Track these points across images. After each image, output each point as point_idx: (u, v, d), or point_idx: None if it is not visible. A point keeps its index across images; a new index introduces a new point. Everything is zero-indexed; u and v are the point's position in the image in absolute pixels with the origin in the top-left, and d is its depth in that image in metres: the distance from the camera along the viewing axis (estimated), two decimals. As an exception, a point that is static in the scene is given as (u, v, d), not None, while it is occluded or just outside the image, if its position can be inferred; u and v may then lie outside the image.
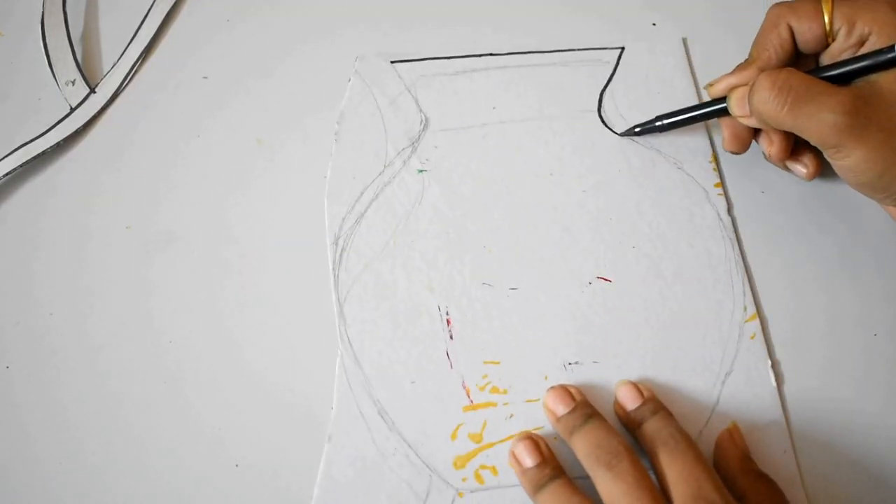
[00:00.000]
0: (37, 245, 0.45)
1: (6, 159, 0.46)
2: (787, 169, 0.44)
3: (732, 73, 0.42)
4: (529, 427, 0.40)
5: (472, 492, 0.38)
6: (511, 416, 0.40)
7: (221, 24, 0.51)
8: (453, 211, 0.44)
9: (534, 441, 0.38)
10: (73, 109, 0.48)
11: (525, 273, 0.43)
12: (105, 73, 0.49)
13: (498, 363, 0.41)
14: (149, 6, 0.51)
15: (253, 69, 0.49)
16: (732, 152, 0.44)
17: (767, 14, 0.42)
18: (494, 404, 0.40)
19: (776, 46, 0.41)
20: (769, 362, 0.41)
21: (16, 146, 0.46)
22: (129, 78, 0.49)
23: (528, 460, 0.38)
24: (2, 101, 0.49)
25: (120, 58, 0.49)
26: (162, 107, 0.48)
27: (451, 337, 0.41)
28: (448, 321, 0.42)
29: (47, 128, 0.47)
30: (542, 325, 0.42)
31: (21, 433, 0.40)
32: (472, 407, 0.40)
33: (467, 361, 0.41)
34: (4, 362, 0.42)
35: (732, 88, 0.42)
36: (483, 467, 0.39)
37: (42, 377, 0.41)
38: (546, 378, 0.40)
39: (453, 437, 0.39)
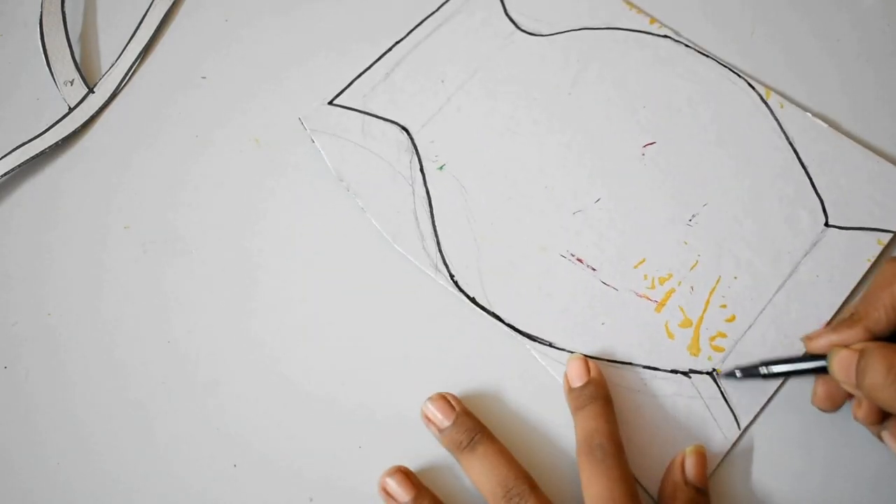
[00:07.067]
0: (35, 245, 0.44)
1: (4, 159, 0.46)
2: (878, 436, 0.38)
3: (834, 329, 0.37)
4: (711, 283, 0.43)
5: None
6: (691, 288, 0.42)
7: (220, 23, 0.51)
8: (498, 176, 0.45)
9: (445, 399, 0.39)
10: (71, 109, 0.48)
11: (600, 187, 0.45)
12: (104, 72, 0.49)
13: (644, 260, 0.43)
14: (147, 6, 0.51)
15: (252, 69, 0.49)
16: (823, 410, 0.39)
17: (882, 270, 0.37)
18: (673, 290, 0.42)
19: (888, 307, 0.36)
20: None
21: (14, 146, 0.46)
22: (127, 78, 0.49)
23: (444, 420, 0.39)
24: (0, 101, 0.49)
25: (118, 58, 0.49)
26: (160, 107, 0.48)
27: (594, 269, 0.43)
28: (580, 260, 0.43)
29: (46, 128, 0.47)
30: (646, 211, 0.45)
31: (20, 433, 0.40)
32: (661, 304, 0.42)
33: (623, 276, 0.43)
34: (3, 363, 0.42)
35: (834, 347, 0.37)
36: (712, 339, 0.42)
37: (40, 377, 0.41)
38: (686, 243, 0.43)
39: (671, 337, 0.42)
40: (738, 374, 0.40)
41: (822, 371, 0.37)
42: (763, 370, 0.39)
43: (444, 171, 0.45)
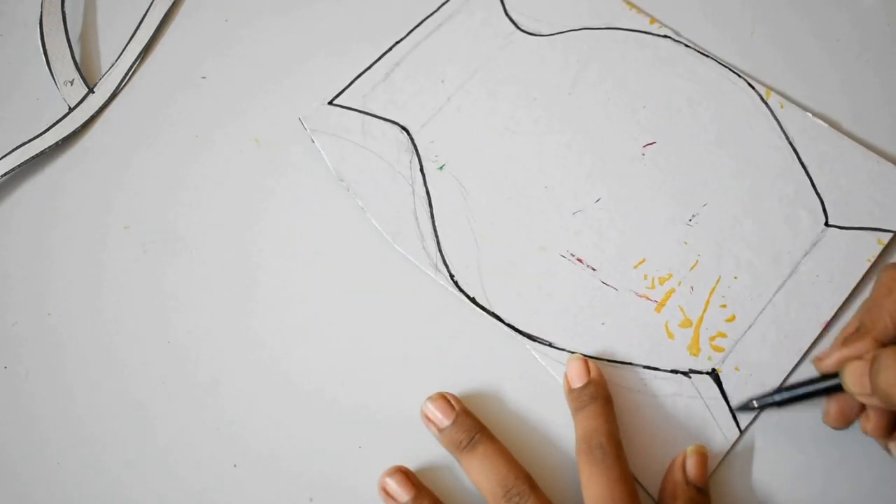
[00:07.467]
0: (35, 245, 0.44)
1: (4, 159, 0.46)
2: (886, 449, 0.38)
3: (844, 344, 0.37)
4: (710, 282, 0.43)
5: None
6: (691, 288, 0.42)
7: (220, 23, 0.51)
8: (498, 176, 0.46)
9: (445, 399, 0.39)
10: (71, 109, 0.48)
11: (600, 187, 0.45)
12: (104, 72, 0.49)
13: (644, 260, 0.43)
14: (147, 6, 0.51)
15: (252, 69, 0.49)
16: (835, 428, 0.38)
17: (879, 277, 0.38)
18: (673, 290, 0.42)
19: (893, 314, 0.36)
20: None
21: (14, 146, 0.46)
22: (127, 78, 0.49)
23: (444, 420, 0.39)
24: (0, 101, 0.49)
25: (118, 58, 0.49)
26: (160, 107, 0.48)
27: (594, 269, 0.43)
28: (580, 260, 0.43)
29: (46, 128, 0.47)
30: (646, 211, 0.45)
31: (20, 433, 0.40)
32: (661, 304, 0.42)
33: (623, 276, 0.43)
34: (3, 363, 0.42)
35: (845, 361, 0.36)
36: (712, 339, 0.42)
37: (40, 377, 0.41)
38: (686, 243, 0.44)
39: (671, 337, 0.42)
40: (754, 404, 0.39)
41: (836, 390, 0.37)
42: (778, 398, 0.39)
43: (444, 171, 0.45)
